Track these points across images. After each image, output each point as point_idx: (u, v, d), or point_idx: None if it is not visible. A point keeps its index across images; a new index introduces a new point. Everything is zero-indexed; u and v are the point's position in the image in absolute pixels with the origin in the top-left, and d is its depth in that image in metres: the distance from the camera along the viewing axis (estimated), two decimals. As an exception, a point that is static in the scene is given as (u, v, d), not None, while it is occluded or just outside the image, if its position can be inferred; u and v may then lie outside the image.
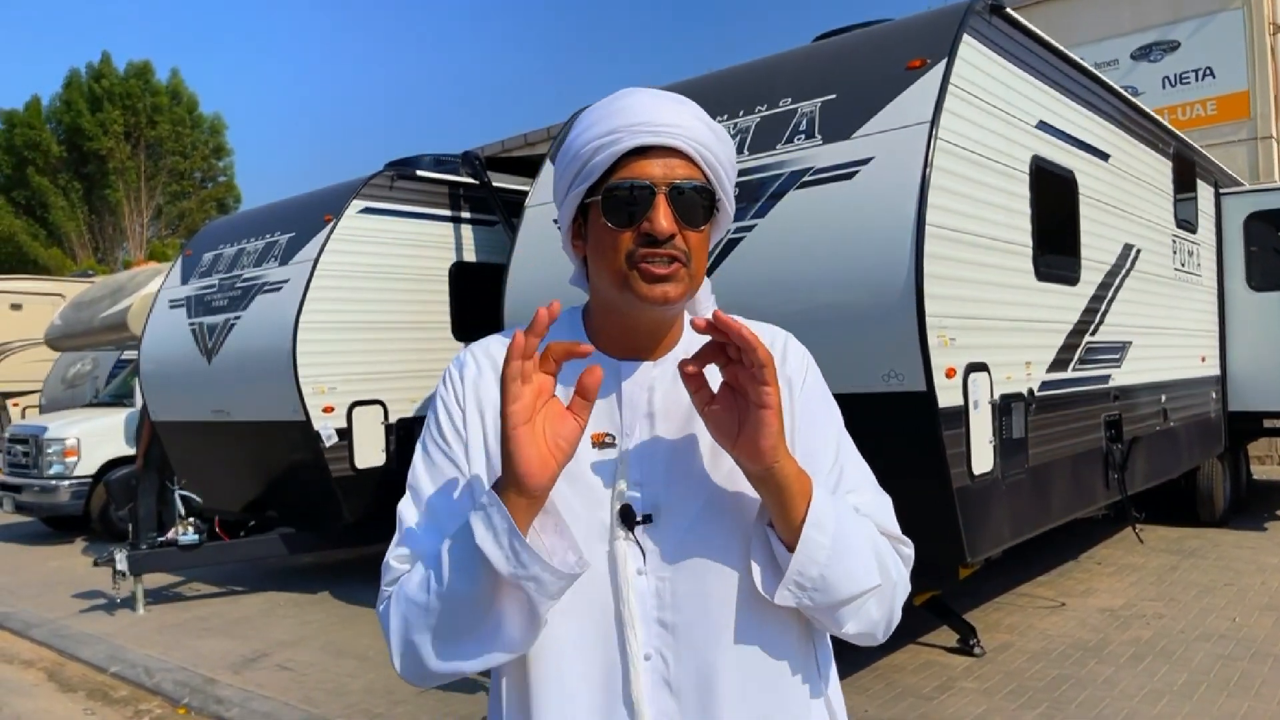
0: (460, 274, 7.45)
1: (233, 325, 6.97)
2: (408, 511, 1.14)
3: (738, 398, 1.03)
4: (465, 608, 1.01)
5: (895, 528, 1.18)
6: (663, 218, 1.06)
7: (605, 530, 1.10)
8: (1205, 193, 7.82)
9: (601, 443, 1.13)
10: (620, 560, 1.09)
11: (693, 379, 1.04)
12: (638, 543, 1.10)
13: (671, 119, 1.09)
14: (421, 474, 1.17)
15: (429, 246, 7.31)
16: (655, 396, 1.14)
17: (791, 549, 1.04)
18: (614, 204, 1.09)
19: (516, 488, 0.98)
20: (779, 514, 1.05)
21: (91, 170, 32.85)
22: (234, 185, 36.41)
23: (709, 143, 1.11)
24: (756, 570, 1.08)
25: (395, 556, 1.12)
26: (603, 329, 1.17)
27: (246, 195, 37.42)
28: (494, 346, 1.20)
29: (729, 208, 1.16)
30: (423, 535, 1.10)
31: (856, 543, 1.08)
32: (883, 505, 1.19)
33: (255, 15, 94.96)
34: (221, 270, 7.43)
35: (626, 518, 1.10)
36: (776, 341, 1.21)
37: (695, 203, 1.09)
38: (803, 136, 4.43)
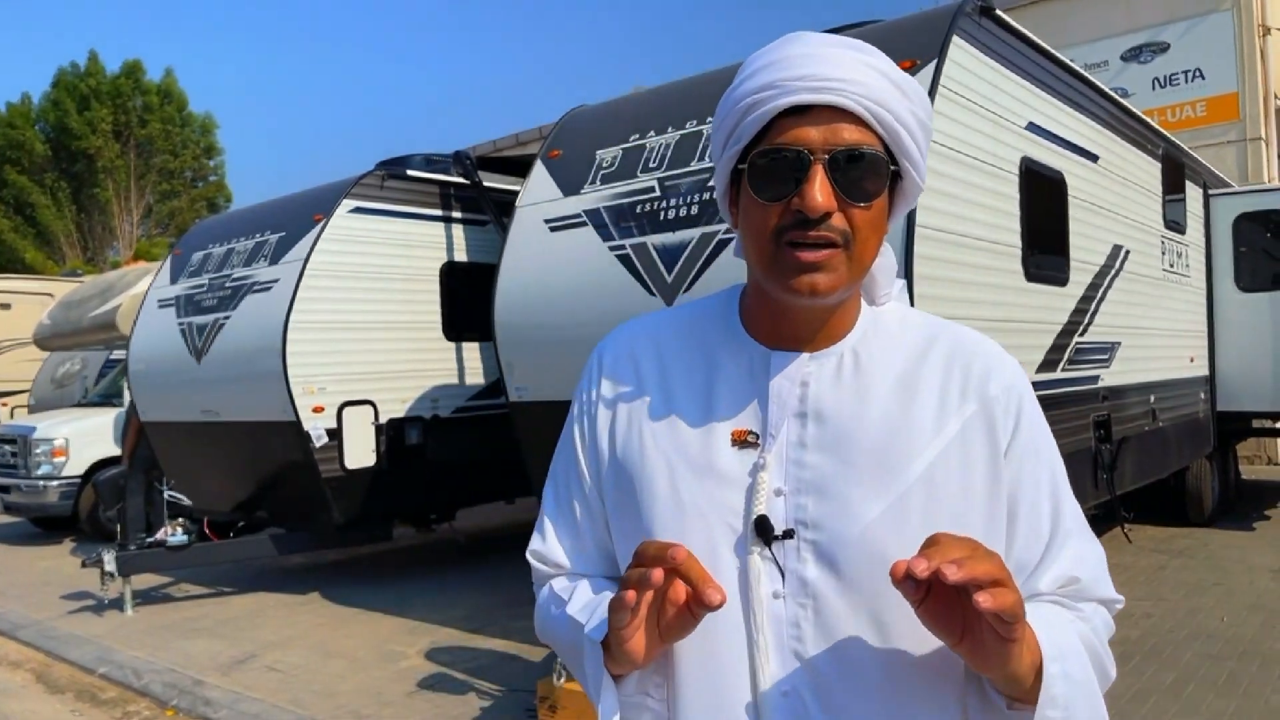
0: (451, 274, 7.44)
1: (222, 325, 6.95)
2: (545, 501, 1.15)
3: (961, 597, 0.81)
4: (576, 665, 1.04)
5: (1108, 585, 1.03)
6: (818, 191, 0.89)
7: (741, 544, 0.96)
8: (1194, 194, 7.85)
9: (743, 441, 0.98)
10: (754, 578, 0.95)
11: (910, 589, 0.82)
12: (775, 560, 0.95)
13: (839, 72, 0.91)
14: (557, 464, 1.14)
15: (420, 246, 7.29)
16: (810, 393, 0.99)
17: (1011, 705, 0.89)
18: (761, 173, 0.93)
19: (618, 660, 0.93)
20: (1002, 684, 0.88)
21: (80, 169, 32.69)
22: (225, 184, 36.28)
23: (888, 100, 0.92)
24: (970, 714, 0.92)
25: (531, 552, 1.13)
26: (755, 313, 1.03)
27: (237, 194, 37.34)
28: (628, 336, 1.12)
29: (918, 177, 0.97)
30: (552, 535, 1.12)
31: (1088, 691, 0.92)
32: (1095, 562, 1.02)
33: (247, 14, 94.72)
34: (211, 270, 7.40)
35: (763, 530, 0.95)
36: (979, 354, 1.03)
37: (863, 174, 0.91)
38: (793, 137, 4.43)
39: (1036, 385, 4.90)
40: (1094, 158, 5.78)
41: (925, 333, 1.04)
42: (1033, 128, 5.00)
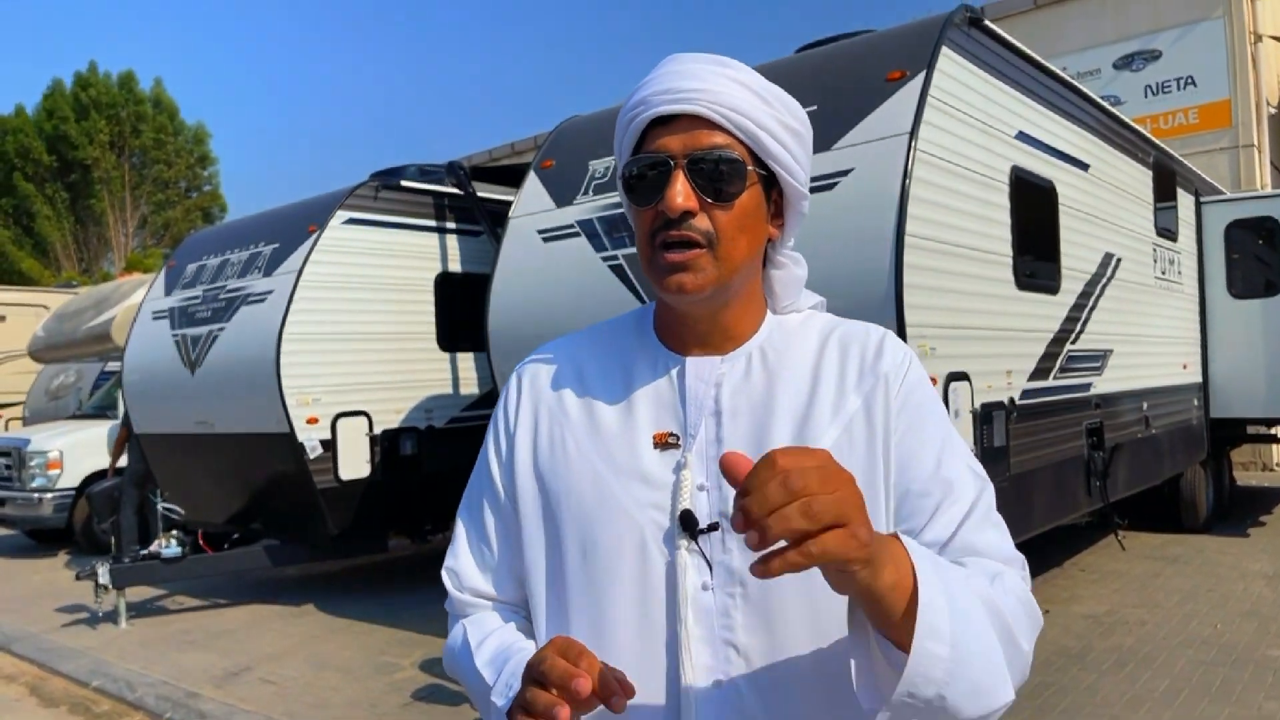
0: (445, 284, 7.44)
1: (216, 336, 6.95)
2: (459, 521, 1.17)
3: None
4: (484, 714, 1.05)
5: (1009, 547, 0.99)
6: (677, 193, 0.96)
7: (667, 540, 0.99)
8: (1186, 201, 7.89)
9: (664, 443, 1.02)
10: (680, 573, 0.98)
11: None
12: (702, 554, 0.98)
13: (697, 84, 0.97)
14: (472, 485, 1.17)
15: (413, 257, 7.30)
16: (723, 393, 1.03)
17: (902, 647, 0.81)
18: (635, 181, 1.00)
19: None
20: (876, 619, 0.83)
21: (76, 179, 32.71)
22: (219, 194, 36.32)
23: (744, 107, 0.98)
24: (856, 673, 0.85)
25: (446, 570, 1.15)
26: (666, 323, 1.09)
27: (232, 205, 37.34)
28: (542, 364, 1.15)
29: (794, 181, 1.03)
30: (466, 555, 1.14)
31: (984, 642, 0.85)
32: (994, 520, 1.00)
33: (240, 25, 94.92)
34: (205, 281, 7.40)
35: (688, 525, 0.98)
36: (871, 338, 1.07)
37: (721, 176, 0.97)
38: (784, 147, 4.45)
39: (1029, 393, 4.92)
40: (1085, 166, 5.81)
41: (823, 328, 1.10)
42: (1023, 137, 5.03)
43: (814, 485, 0.72)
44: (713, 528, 0.98)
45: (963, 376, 4.27)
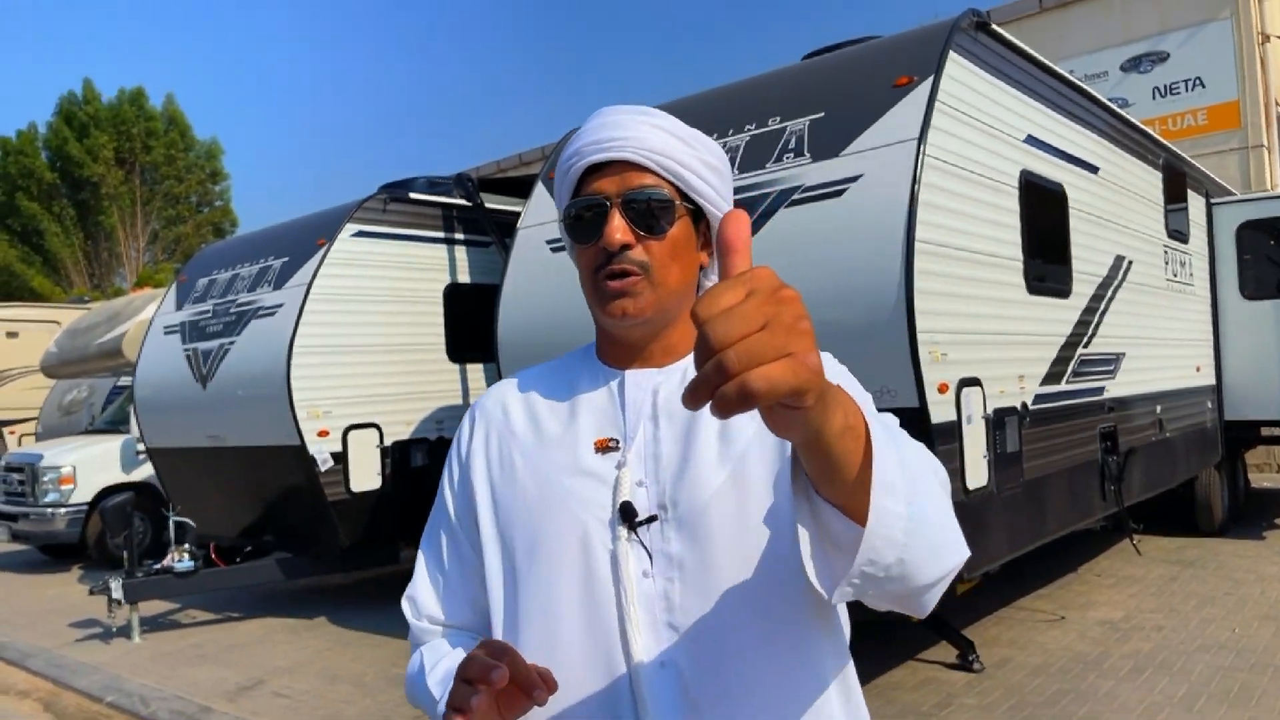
0: (454, 295, 7.45)
1: (227, 350, 6.97)
2: (420, 552, 1.24)
3: None
4: None
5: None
6: (615, 230, 1.07)
7: (609, 533, 1.07)
8: (1196, 203, 7.85)
9: (605, 447, 1.11)
10: (622, 561, 1.05)
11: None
12: (642, 543, 1.06)
13: (624, 133, 1.09)
14: (432, 518, 1.24)
15: (423, 269, 7.31)
16: (659, 398, 1.12)
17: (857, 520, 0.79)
18: (575, 223, 1.12)
19: None
20: (825, 474, 0.77)
21: (85, 196, 32.92)
22: (230, 209, 36.49)
23: (667, 149, 1.09)
24: (807, 556, 0.82)
25: (406, 598, 1.23)
26: (607, 347, 1.18)
27: (243, 219, 37.53)
28: (496, 398, 1.23)
29: (719, 214, 1.12)
30: (425, 584, 1.22)
31: (934, 498, 0.84)
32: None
33: (252, 40, 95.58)
34: (216, 295, 7.43)
35: (628, 516, 1.06)
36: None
37: (652, 211, 1.08)
38: (792, 155, 4.45)
39: (1042, 398, 4.89)
40: (1094, 169, 5.79)
41: None
42: (1031, 140, 5.01)
43: (754, 319, 0.65)
44: (651, 519, 1.06)
45: (975, 382, 4.25)
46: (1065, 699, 4.40)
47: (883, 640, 5.27)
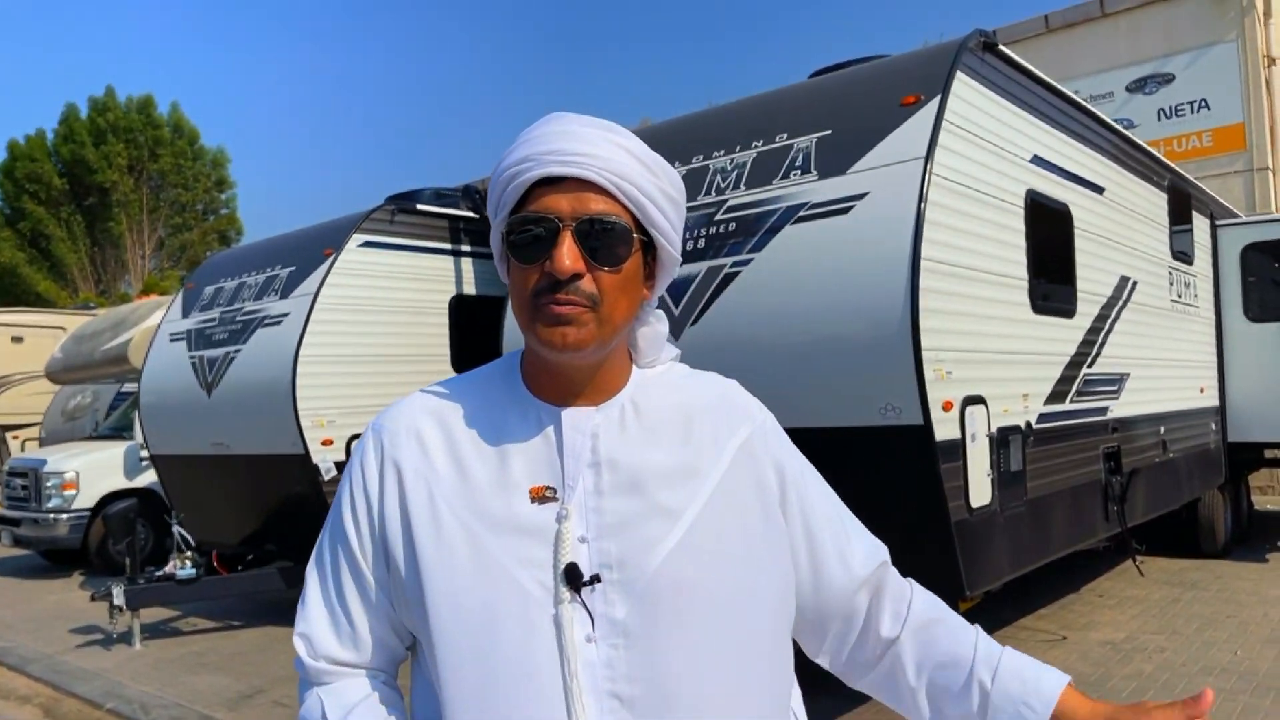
0: (460, 306, 7.48)
1: (233, 358, 6.99)
2: (311, 583, 1.12)
3: None
4: None
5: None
6: (565, 256, 0.97)
7: (550, 594, 0.99)
8: (1201, 224, 7.86)
9: (541, 497, 1.02)
10: (565, 626, 0.97)
11: None
12: (585, 606, 0.98)
13: (586, 148, 0.99)
14: (325, 546, 1.11)
15: (429, 280, 7.34)
16: (600, 444, 1.04)
17: None
18: (519, 238, 1.00)
19: None
20: None
21: (93, 203, 33.04)
22: (236, 218, 36.57)
23: (632, 175, 1.00)
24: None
25: (299, 636, 1.09)
26: (536, 374, 1.08)
27: (249, 228, 37.65)
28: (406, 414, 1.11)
29: (670, 248, 1.06)
30: (323, 620, 1.09)
31: None
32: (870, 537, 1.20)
33: (261, 50, 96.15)
34: (223, 303, 7.47)
35: (572, 578, 0.98)
36: (729, 385, 1.16)
37: (608, 242, 0.99)
38: (799, 172, 4.47)
39: (1046, 417, 4.90)
40: (1099, 189, 5.81)
41: (689, 380, 1.14)
42: (1037, 160, 5.03)
43: None
44: (595, 579, 0.98)
45: (979, 400, 4.26)
46: None
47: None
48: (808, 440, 1.24)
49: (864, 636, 1.16)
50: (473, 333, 7.38)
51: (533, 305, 1.00)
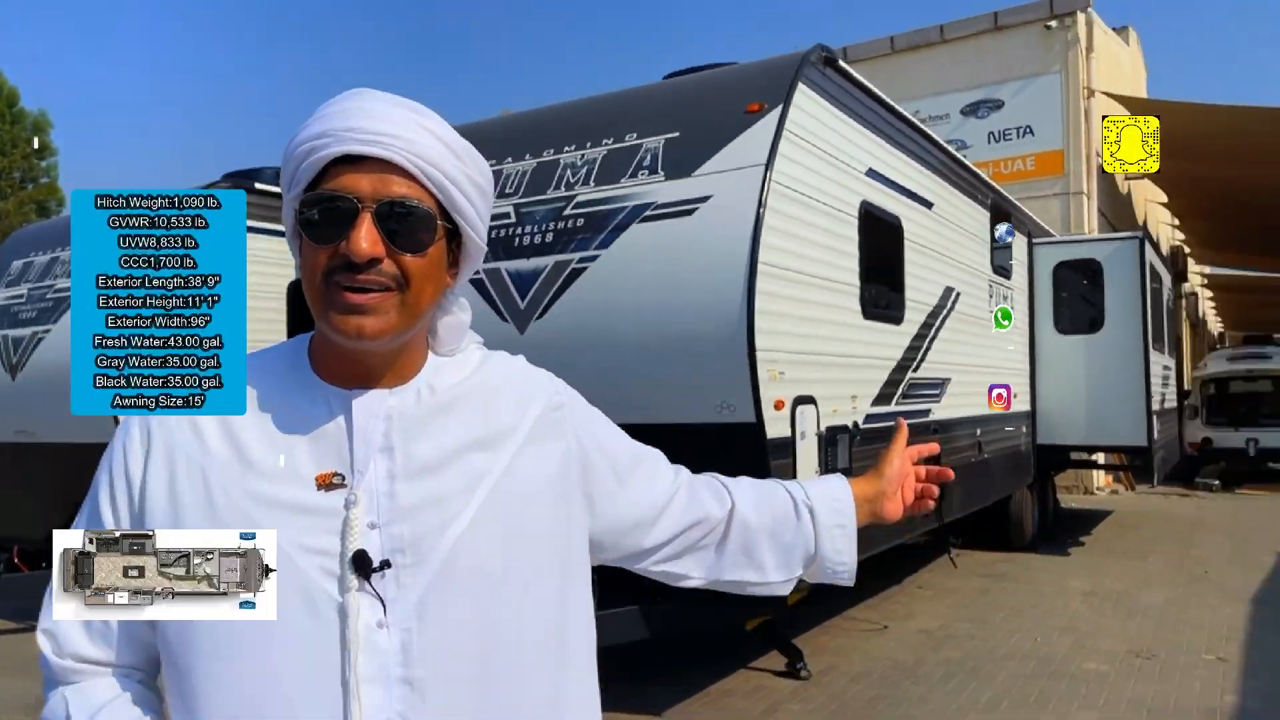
0: (299, 292, 7.18)
1: (41, 339, 6.49)
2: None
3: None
4: None
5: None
6: (363, 239, 0.93)
7: (335, 582, 0.95)
8: (1019, 242, 8.45)
9: (329, 484, 0.97)
10: (351, 615, 0.94)
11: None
12: (375, 593, 0.95)
13: (389, 128, 0.95)
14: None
15: (265, 263, 7.01)
16: (394, 427, 1.00)
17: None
18: (314, 217, 0.96)
19: None
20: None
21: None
22: (57, 188, 33.88)
23: (438, 160, 0.97)
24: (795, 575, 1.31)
25: (42, 632, 1.02)
26: (326, 357, 1.04)
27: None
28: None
29: (475, 235, 1.04)
30: (67, 626, 1.02)
31: None
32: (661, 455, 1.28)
33: (105, 22, 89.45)
34: (32, 280, 6.91)
35: (361, 565, 0.95)
36: (544, 382, 1.15)
37: (410, 226, 0.96)
38: (646, 172, 4.53)
39: (872, 418, 5.14)
40: (929, 204, 6.15)
41: (484, 361, 1.13)
42: (873, 174, 5.28)
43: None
44: (385, 565, 0.96)
45: (809, 400, 4.44)
46: (882, 704, 4.63)
47: (722, 650, 5.41)
48: (648, 435, 1.26)
49: (709, 531, 1.23)
50: (305, 319, 7.10)
51: (324, 288, 0.96)
